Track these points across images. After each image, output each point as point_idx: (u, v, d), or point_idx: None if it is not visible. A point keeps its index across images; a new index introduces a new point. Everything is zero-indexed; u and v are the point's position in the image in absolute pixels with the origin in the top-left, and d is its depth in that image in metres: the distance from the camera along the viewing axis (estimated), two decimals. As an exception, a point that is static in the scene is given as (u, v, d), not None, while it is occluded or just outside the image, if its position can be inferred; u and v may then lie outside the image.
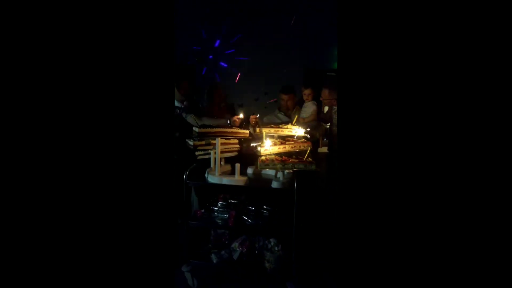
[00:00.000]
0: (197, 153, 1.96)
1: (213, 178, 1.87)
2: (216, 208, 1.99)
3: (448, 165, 0.90)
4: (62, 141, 0.92)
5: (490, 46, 0.86)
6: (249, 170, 1.96)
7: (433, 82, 0.90)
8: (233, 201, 1.99)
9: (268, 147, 1.85)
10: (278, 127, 2.04)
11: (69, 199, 0.92)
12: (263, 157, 1.85)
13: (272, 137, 1.97)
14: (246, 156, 2.05)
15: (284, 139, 1.99)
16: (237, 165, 1.83)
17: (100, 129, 0.94)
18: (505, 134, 0.86)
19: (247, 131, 2.11)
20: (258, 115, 2.34)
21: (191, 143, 1.97)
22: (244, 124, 2.31)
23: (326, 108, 2.73)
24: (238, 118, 2.25)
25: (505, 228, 0.86)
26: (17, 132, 0.89)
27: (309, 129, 2.06)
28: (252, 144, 1.93)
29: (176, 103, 2.37)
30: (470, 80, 0.88)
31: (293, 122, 2.11)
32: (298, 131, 2.01)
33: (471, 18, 0.87)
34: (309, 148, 1.91)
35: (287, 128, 2.03)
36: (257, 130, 2.04)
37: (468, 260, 0.90)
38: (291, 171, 1.80)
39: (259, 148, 1.84)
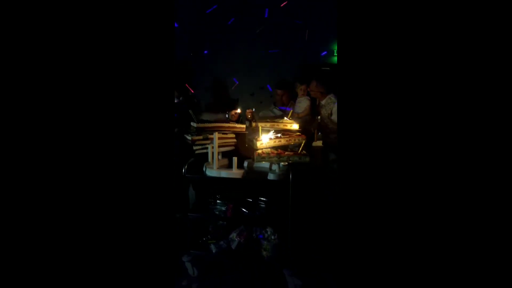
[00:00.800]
0: (195, 147, 2.01)
1: (211, 172, 1.92)
2: (214, 200, 2.05)
3: (448, 162, 0.90)
4: (63, 140, 0.93)
5: (492, 35, 0.87)
6: (246, 164, 2.02)
7: (432, 78, 0.91)
8: (230, 194, 2.05)
9: (264, 141, 1.92)
10: (274, 122, 2.11)
11: (74, 194, 0.94)
12: (259, 151, 1.92)
13: (267, 131, 2.04)
14: (243, 149, 2.11)
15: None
16: (235, 159, 1.89)
17: (103, 125, 0.96)
18: (506, 132, 0.87)
19: (244, 126, 2.16)
20: (254, 109, 2.39)
21: (189, 138, 2.03)
22: (241, 118, 2.37)
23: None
24: (236, 113, 2.30)
25: (505, 228, 0.87)
26: (18, 131, 0.90)
27: (303, 123, 2.12)
28: None
29: None
30: (468, 76, 0.88)
31: (288, 117, 2.17)
32: (292, 125, 2.07)
33: (469, 15, 0.88)
34: (303, 141, 1.97)
35: (282, 122, 2.09)
36: (253, 124, 2.10)
37: (466, 253, 0.89)
38: (286, 163, 1.87)
39: (255, 142, 1.90)
